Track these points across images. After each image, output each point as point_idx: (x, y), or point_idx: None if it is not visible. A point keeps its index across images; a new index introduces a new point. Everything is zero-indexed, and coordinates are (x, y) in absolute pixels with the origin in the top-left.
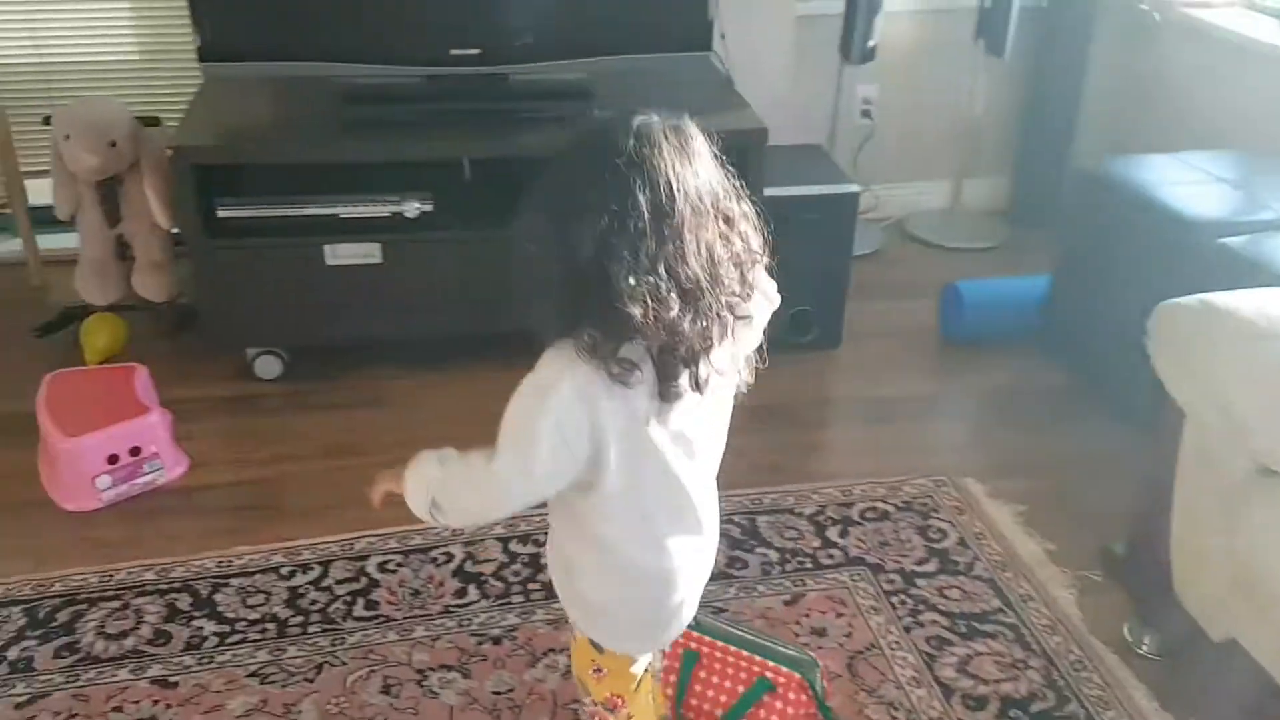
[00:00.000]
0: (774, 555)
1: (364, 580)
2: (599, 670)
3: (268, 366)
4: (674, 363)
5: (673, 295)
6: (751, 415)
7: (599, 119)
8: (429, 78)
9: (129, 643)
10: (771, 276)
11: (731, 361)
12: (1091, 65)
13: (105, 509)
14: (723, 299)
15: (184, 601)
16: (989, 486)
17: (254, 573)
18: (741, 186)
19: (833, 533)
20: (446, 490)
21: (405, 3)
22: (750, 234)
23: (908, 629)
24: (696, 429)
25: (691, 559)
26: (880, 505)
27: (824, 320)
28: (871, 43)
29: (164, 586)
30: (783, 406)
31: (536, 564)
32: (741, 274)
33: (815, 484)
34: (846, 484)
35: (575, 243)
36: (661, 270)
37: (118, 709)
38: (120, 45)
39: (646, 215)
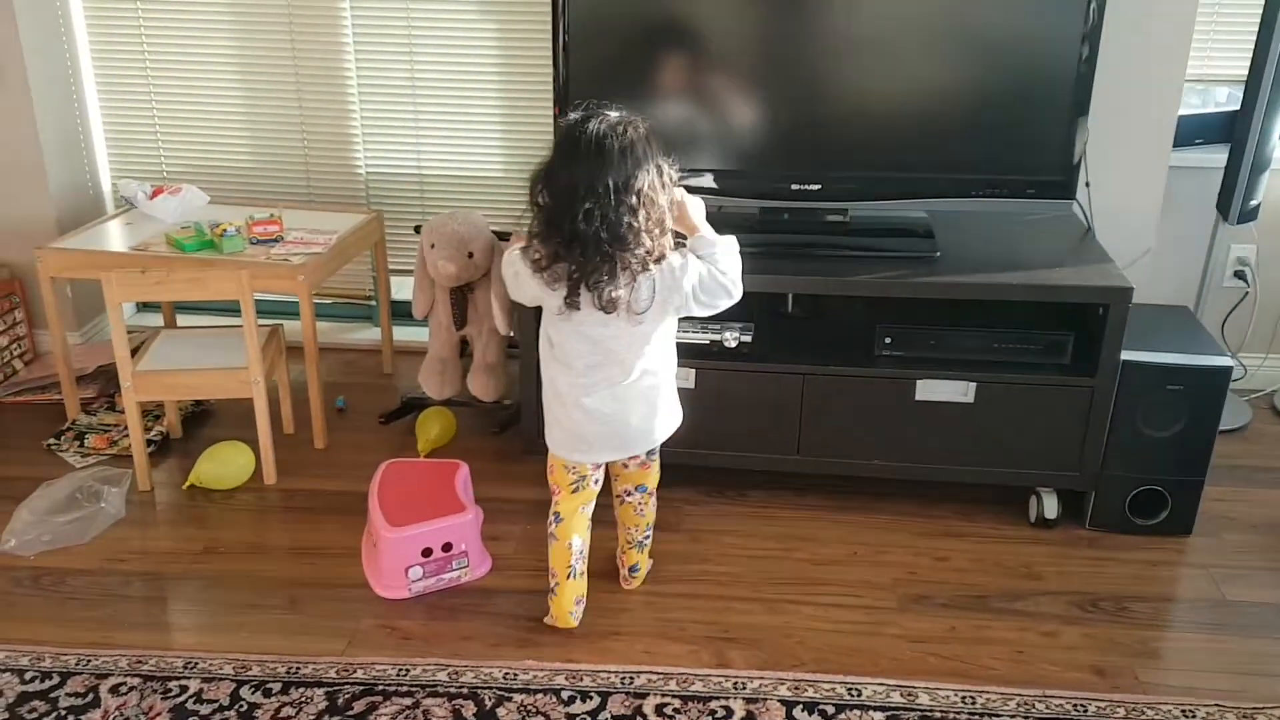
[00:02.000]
0: None
1: None
2: (550, 466)
3: None
4: (573, 286)
5: (567, 240)
6: (1073, 603)
7: (571, 120)
8: (765, 209)
9: None
10: None
11: (636, 305)
12: None
13: (412, 599)
14: (617, 253)
15: (469, 709)
16: None
17: (536, 691)
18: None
19: None
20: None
21: (749, 136)
22: (658, 220)
23: None
24: (603, 330)
25: (603, 400)
26: None
27: (1176, 502)
28: (1254, 202)
29: (453, 690)
30: (1114, 598)
31: None
32: (644, 242)
33: (1150, 698)
34: (1189, 703)
35: (535, 198)
36: (565, 225)
37: None
38: (488, 163)
39: (558, 192)
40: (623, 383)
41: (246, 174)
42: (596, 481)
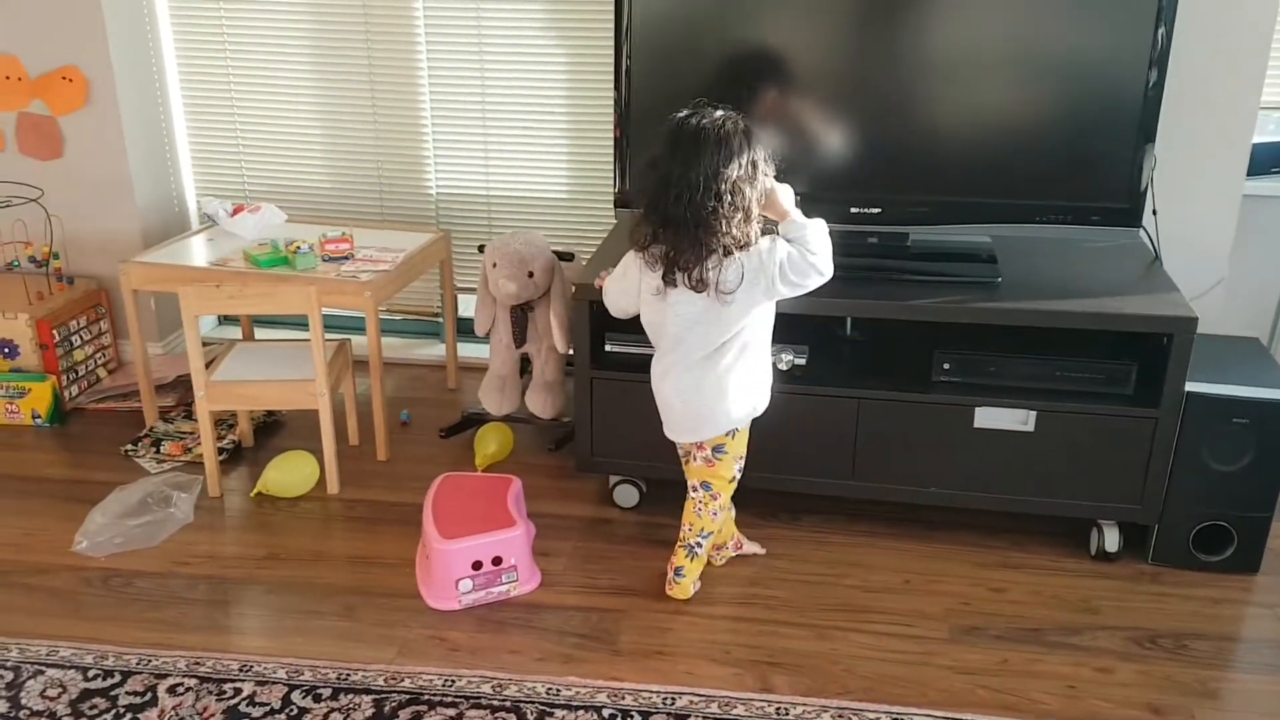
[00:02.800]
0: None
1: None
2: None
3: (626, 495)
4: (669, 265)
5: (663, 222)
6: (1131, 639)
7: (678, 115)
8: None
9: None
10: None
11: (724, 285)
12: None
13: (461, 611)
14: (703, 237)
15: None
16: None
17: (578, 708)
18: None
19: None
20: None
21: (811, 158)
22: (745, 208)
23: None
24: (691, 309)
25: (690, 380)
26: None
27: (1242, 539)
28: None
29: (496, 703)
30: (1174, 635)
31: None
32: (729, 228)
33: None
34: None
35: (639, 187)
36: (662, 208)
37: None
38: (553, 184)
39: (658, 179)
40: (701, 361)
41: (323, 194)
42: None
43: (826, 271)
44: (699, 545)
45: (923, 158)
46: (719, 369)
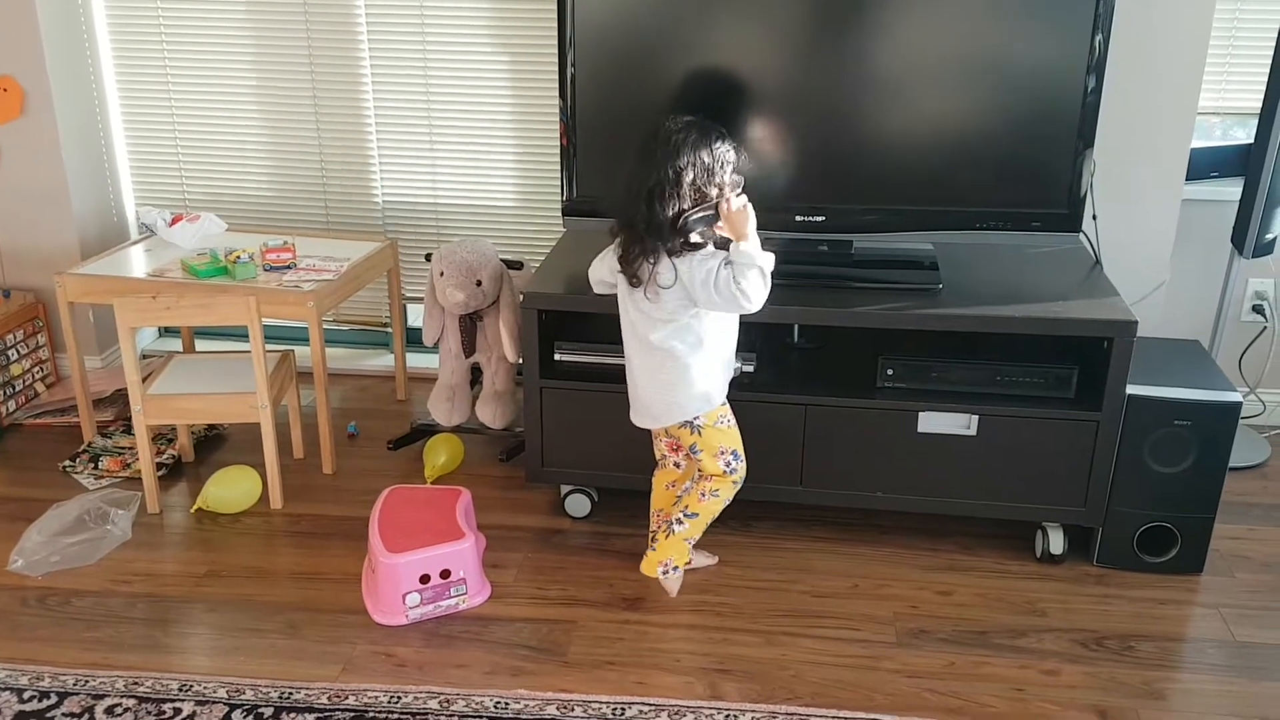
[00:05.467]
0: None
1: None
2: None
3: (578, 504)
4: (623, 260)
5: (622, 223)
6: (1077, 641)
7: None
8: (767, 240)
9: None
10: None
11: (659, 282)
12: None
13: (409, 626)
14: (647, 236)
15: None
16: None
17: None
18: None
19: None
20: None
21: (755, 166)
22: (682, 212)
23: None
24: (641, 303)
25: (640, 366)
26: None
27: (1186, 540)
28: (1270, 235)
29: (443, 718)
30: (1120, 636)
31: None
32: (668, 231)
33: None
34: None
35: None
36: (623, 209)
37: None
38: (502, 192)
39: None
40: (653, 351)
41: (266, 203)
42: (664, 456)
43: (750, 308)
44: (680, 524)
45: (865, 166)
46: (669, 360)
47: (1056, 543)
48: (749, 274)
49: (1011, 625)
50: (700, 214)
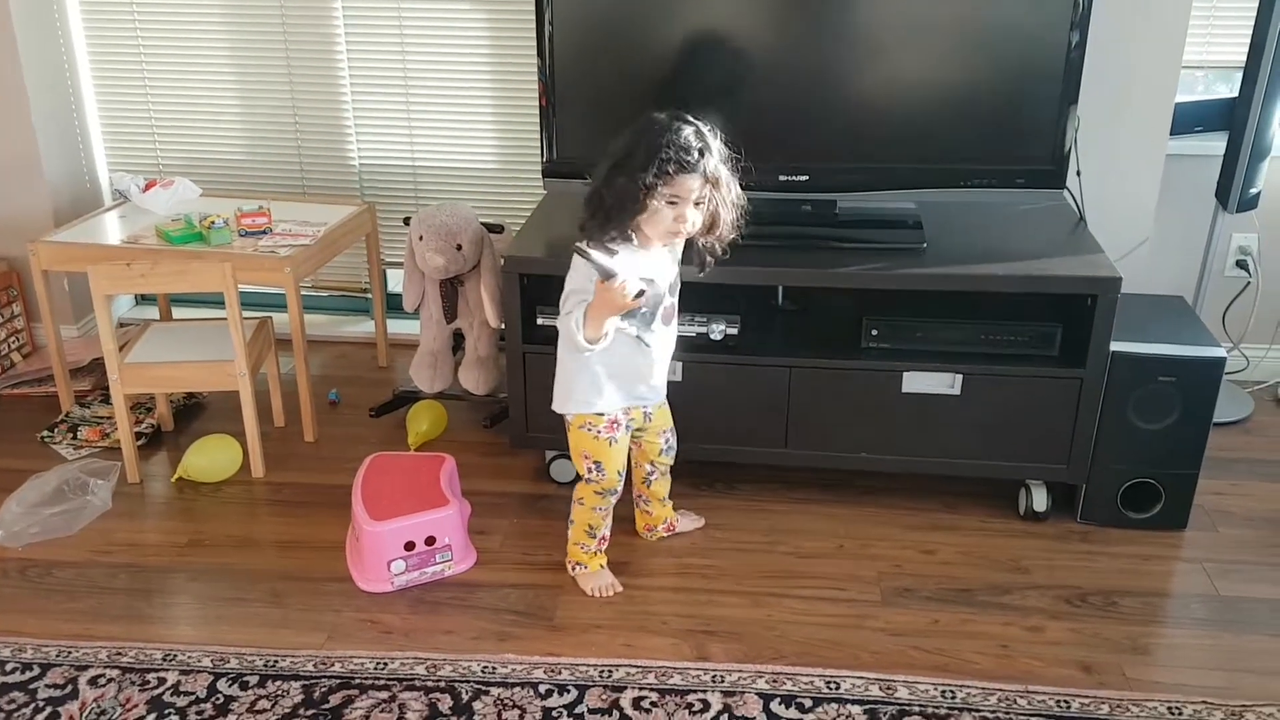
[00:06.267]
0: None
1: (616, 714)
2: None
3: (563, 470)
4: None
5: None
6: (1061, 598)
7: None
8: (751, 201)
9: None
10: None
11: None
12: None
13: (394, 593)
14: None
15: (445, 703)
16: None
17: (514, 685)
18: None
19: None
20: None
21: (736, 125)
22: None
23: None
24: None
25: None
26: None
27: (1170, 496)
28: (1254, 190)
29: (430, 684)
30: (1104, 592)
31: None
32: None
33: (1137, 694)
34: (1176, 700)
35: None
36: None
37: None
38: (480, 154)
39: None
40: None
41: (241, 167)
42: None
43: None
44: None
45: (849, 124)
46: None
47: (1040, 500)
48: (569, 323)
49: (995, 583)
50: (594, 213)
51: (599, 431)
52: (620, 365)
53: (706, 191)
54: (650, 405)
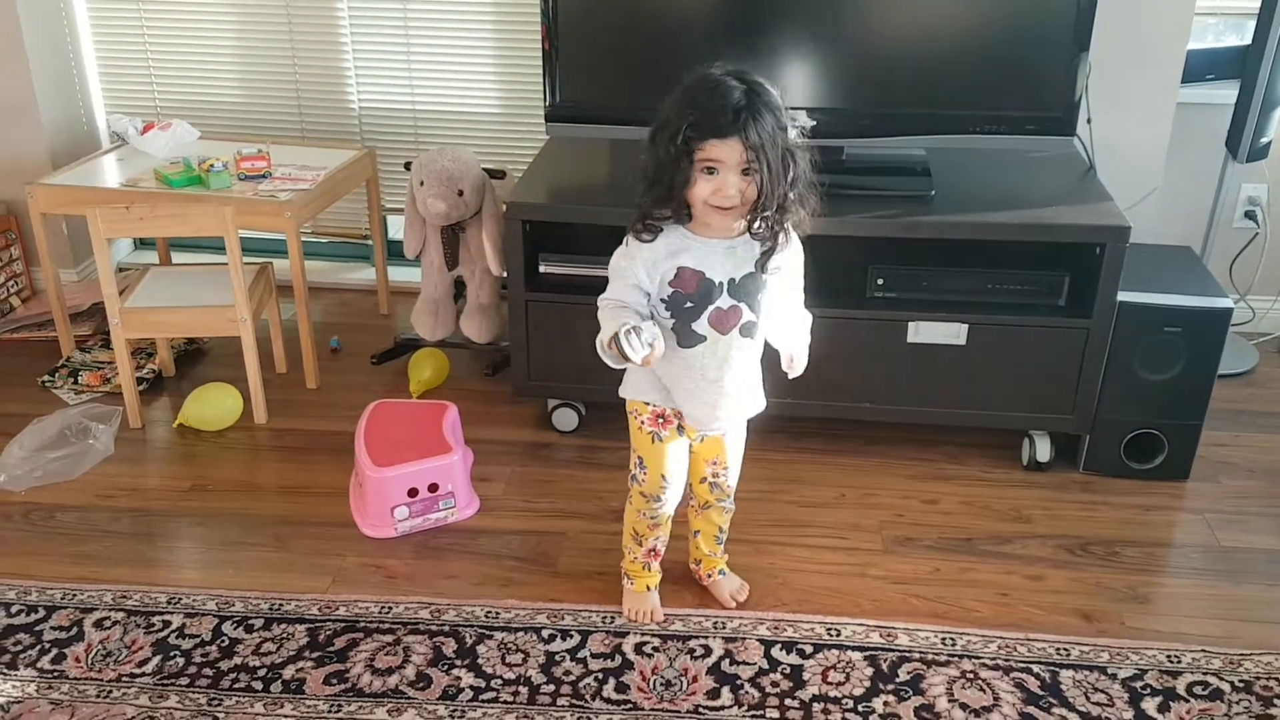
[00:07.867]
0: None
1: (619, 659)
2: None
3: (565, 418)
4: None
5: None
6: (1063, 547)
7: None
8: None
9: (392, 680)
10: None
11: None
12: None
13: (398, 539)
14: None
15: (449, 647)
16: None
17: (517, 629)
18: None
19: (1149, 705)
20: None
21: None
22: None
23: None
24: None
25: None
26: (1213, 680)
27: (1173, 446)
28: (1265, 139)
29: (434, 628)
30: (1105, 542)
31: (798, 677)
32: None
33: (1136, 642)
34: (1175, 648)
35: None
36: None
37: None
38: (482, 97)
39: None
40: None
41: (239, 109)
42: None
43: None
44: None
45: (858, 69)
46: None
47: (1043, 450)
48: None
49: (997, 532)
50: (646, 185)
51: (643, 421)
52: (671, 372)
53: (751, 158)
54: (708, 431)
